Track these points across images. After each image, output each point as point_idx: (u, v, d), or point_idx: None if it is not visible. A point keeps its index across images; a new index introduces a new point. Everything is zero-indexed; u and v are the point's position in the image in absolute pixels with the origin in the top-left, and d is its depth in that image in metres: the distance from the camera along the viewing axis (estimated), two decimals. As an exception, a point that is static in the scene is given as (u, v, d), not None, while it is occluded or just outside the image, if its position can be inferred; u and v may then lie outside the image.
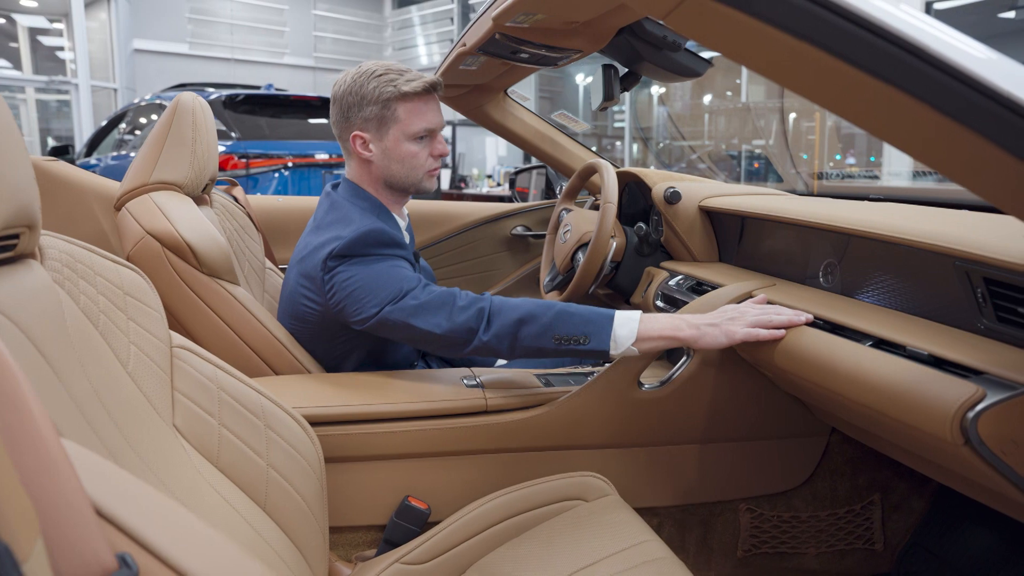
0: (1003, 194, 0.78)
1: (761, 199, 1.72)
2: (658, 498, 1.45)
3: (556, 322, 1.26)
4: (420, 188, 1.51)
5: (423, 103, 1.45)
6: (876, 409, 1.03)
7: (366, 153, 1.47)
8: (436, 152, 1.49)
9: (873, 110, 0.73)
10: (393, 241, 1.39)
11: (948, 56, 0.67)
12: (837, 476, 1.55)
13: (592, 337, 1.24)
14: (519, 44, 1.25)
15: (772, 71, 0.73)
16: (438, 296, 1.32)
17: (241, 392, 1.11)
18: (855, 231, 1.24)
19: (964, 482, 1.16)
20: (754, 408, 1.46)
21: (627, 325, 1.25)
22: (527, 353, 1.29)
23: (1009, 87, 0.66)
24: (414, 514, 1.30)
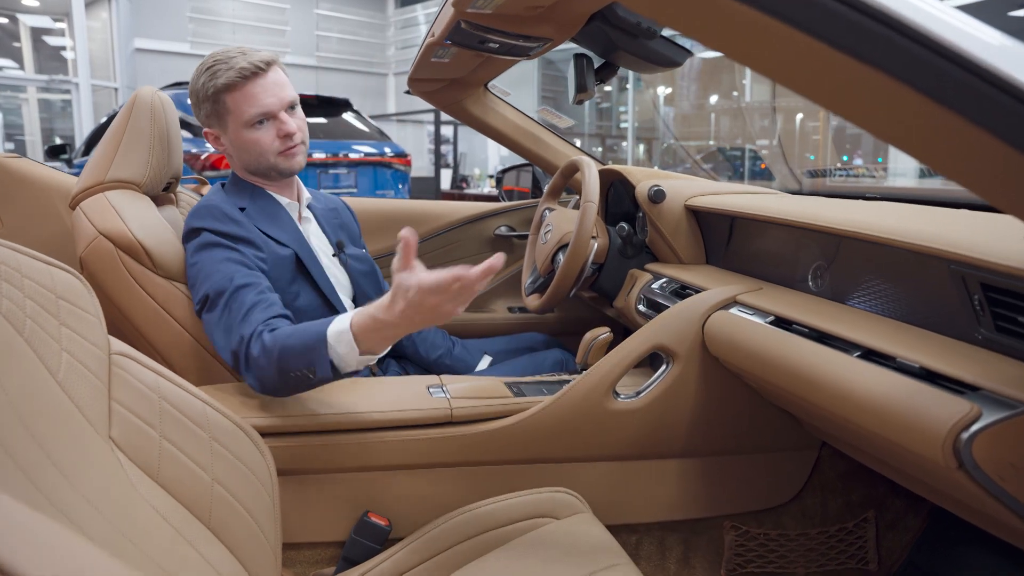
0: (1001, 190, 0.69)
1: (750, 198, 1.63)
2: (636, 514, 1.37)
3: (284, 359, 1.14)
4: (279, 171, 1.47)
5: (251, 87, 1.40)
6: (862, 426, 0.95)
7: (220, 148, 1.49)
8: (281, 132, 1.43)
9: (854, 96, 0.64)
10: (223, 215, 1.38)
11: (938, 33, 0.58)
12: (828, 492, 1.47)
13: (317, 366, 1.12)
14: (485, 32, 1.18)
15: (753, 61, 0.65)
16: (235, 312, 1.24)
17: (184, 401, 1.03)
18: (844, 231, 1.16)
19: (959, 505, 1.08)
20: (739, 420, 1.38)
21: (343, 340, 1.10)
22: (284, 392, 1.20)
23: (1010, 71, 0.58)
24: (374, 530, 1.22)
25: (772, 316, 1.22)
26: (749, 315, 1.27)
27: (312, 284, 1.47)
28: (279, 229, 1.46)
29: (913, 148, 0.66)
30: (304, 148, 1.50)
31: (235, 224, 1.38)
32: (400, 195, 6.18)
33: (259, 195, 1.49)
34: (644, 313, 1.62)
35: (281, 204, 1.51)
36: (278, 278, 1.41)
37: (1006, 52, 0.57)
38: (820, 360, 1.05)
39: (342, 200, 1.76)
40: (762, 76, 0.67)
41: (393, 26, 13.31)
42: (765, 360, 1.16)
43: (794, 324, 1.17)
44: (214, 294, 1.29)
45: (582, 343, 1.51)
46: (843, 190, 1.58)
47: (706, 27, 0.62)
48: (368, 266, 1.65)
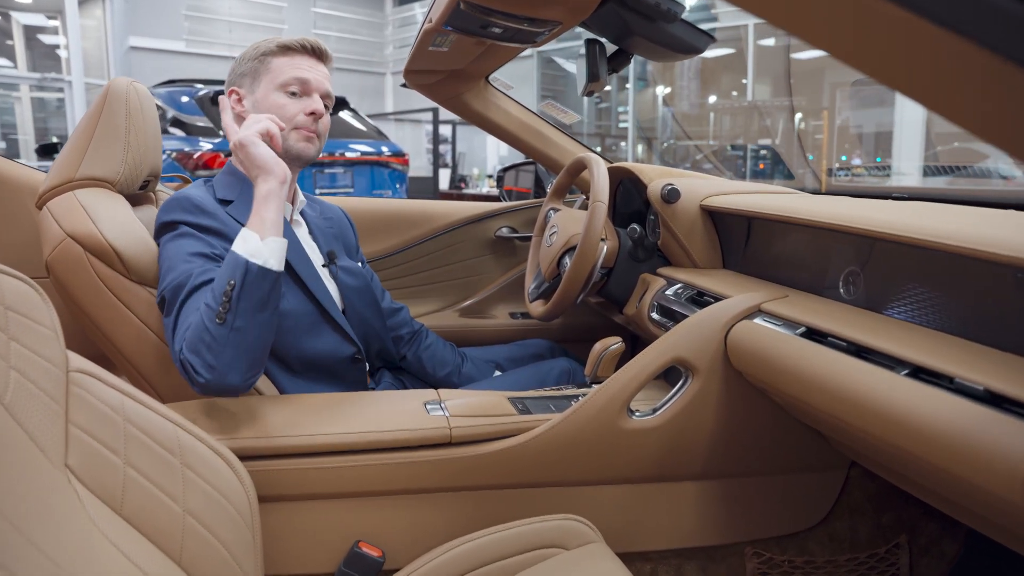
0: None
1: (770, 198, 1.52)
2: (651, 541, 1.26)
3: (209, 307, 1.08)
4: (289, 149, 1.37)
5: (301, 59, 1.39)
6: (915, 454, 0.84)
7: (238, 108, 1.41)
8: (308, 109, 1.37)
9: (953, 84, 0.53)
10: (193, 206, 1.28)
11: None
12: (858, 515, 1.36)
13: (235, 274, 1.08)
14: (487, 15, 1.07)
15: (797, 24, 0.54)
16: (188, 315, 1.13)
17: (152, 424, 0.92)
18: (887, 235, 1.05)
19: (1003, 533, 0.98)
20: (762, 439, 1.27)
21: (243, 239, 1.12)
22: (230, 351, 1.08)
23: None
24: (366, 562, 1.11)
25: (803, 327, 1.12)
26: (777, 326, 1.16)
27: (301, 286, 1.36)
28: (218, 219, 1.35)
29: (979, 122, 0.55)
30: (321, 143, 1.42)
31: (206, 215, 1.27)
32: (398, 195, 6.08)
33: (251, 188, 1.37)
34: (658, 321, 1.51)
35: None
36: None
37: None
38: (863, 378, 0.94)
39: (342, 210, 1.65)
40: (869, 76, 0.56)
41: (391, 25, 13.21)
42: (797, 376, 1.05)
43: (829, 336, 1.06)
44: (171, 292, 1.17)
45: (592, 353, 1.40)
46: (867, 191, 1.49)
47: None
48: (362, 281, 1.52)
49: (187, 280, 1.17)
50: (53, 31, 10.94)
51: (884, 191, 1.59)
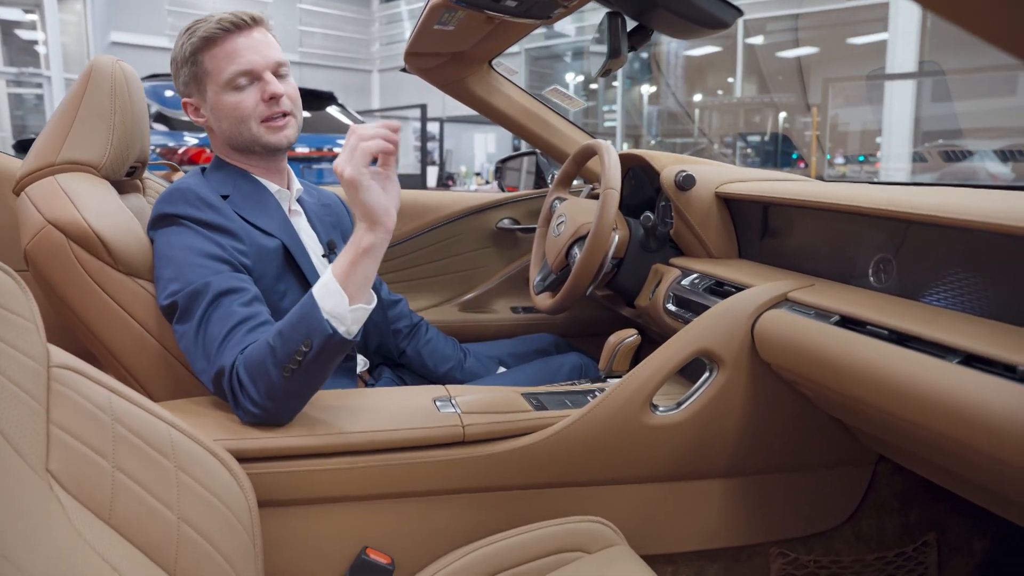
0: None
1: (787, 184, 1.47)
2: (673, 543, 1.20)
3: (275, 352, 0.99)
4: (263, 144, 1.28)
5: (231, 42, 1.24)
6: (978, 449, 0.78)
7: (200, 120, 1.32)
8: (266, 94, 1.25)
9: None
10: (199, 200, 1.20)
11: None
12: (885, 512, 1.30)
13: (313, 335, 0.98)
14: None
15: None
16: (216, 326, 1.07)
17: (144, 424, 0.85)
18: (931, 217, 0.99)
19: None
20: (789, 434, 1.21)
21: (329, 292, 1.00)
22: (290, 399, 1.02)
23: None
24: (375, 570, 1.04)
25: (837, 316, 1.06)
26: (808, 315, 1.10)
27: (302, 282, 1.29)
28: (265, 217, 1.28)
29: None
30: (295, 122, 1.31)
31: (213, 211, 1.19)
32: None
33: (244, 180, 1.30)
34: (674, 313, 1.45)
35: (269, 190, 1.32)
36: (263, 274, 1.22)
37: None
38: (910, 367, 0.88)
39: (336, 195, 1.57)
40: None
41: (378, 22, 13.11)
42: (834, 367, 0.99)
43: (868, 325, 1.00)
44: (186, 299, 1.10)
45: (606, 347, 1.34)
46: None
47: None
48: None
49: (205, 288, 1.10)
50: (31, 26, 10.74)
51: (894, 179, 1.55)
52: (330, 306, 0.98)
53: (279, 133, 1.28)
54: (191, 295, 1.10)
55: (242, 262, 1.18)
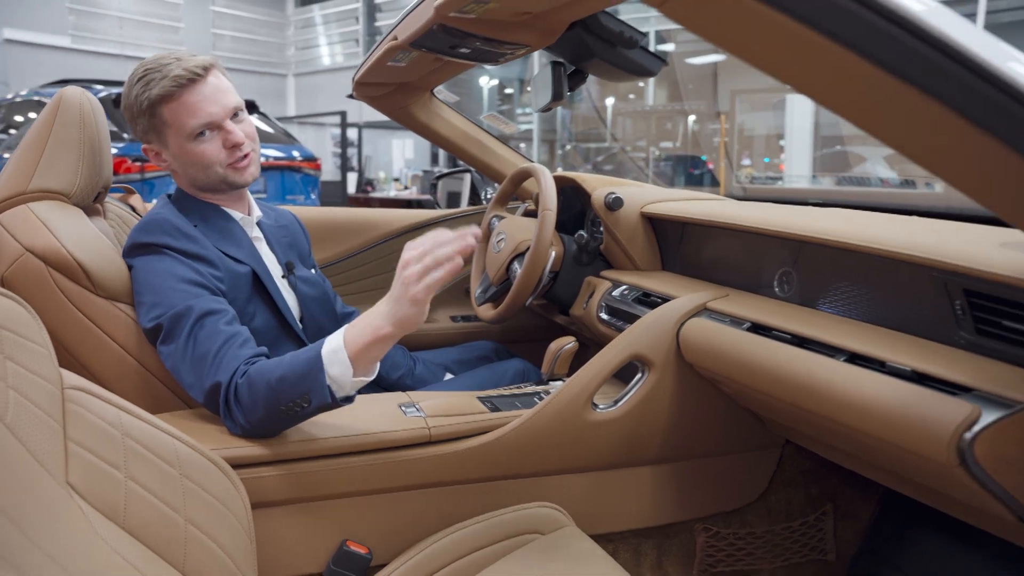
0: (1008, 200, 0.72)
1: (702, 204, 1.66)
2: (613, 524, 1.37)
3: (275, 393, 1.08)
4: (230, 183, 1.37)
5: (189, 96, 1.29)
6: (861, 429, 0.97)
7: (163, 164, 1.38)
8: (228, 143, 1.33)
9: (888, 112, 0.65)
10: (176, 230, 1.28)
11: (980, 55, 0.60)
12: (791, 488, 1.51)
13: (312, 394, 1.07)
14: (461, 38, 1.14)
15: (781, 68, 0.65)
16: (204, 345, 1.16)
17: (151, 437, 0.95)
18: (820, 240, 1.19)
19: (924, 491, 1.13)
20: (709, 424, 1.40)
21: (337, 359, 1.07)
22: (274, 429, 1.13)
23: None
24: (354, 560, 1.16)
25: (748, 323, 1.25)
26: (724, 322, 1.28)
27: (269, 304, 1.39)
28: (235, 246, 1.37)
29: (938, 167, 0.69)
30: (256, 156, 1.40)
31: (190, 241, 1.28)
32: (310, 200, 6.00)
33: (211, 211, 1.39)
34: (607, 321, 1.62)
35: (235, 219, 1.42)
36: (235, 298, 1.32)
37: None
38: (807, 365, 1.07)
39: (292, 214, 1.67)
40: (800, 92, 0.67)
41: (293, 26, 12.93)
42: (747, 366, 1.17)
43: (773, 330, 1.19)
44: (170, 321, 1.19)
45: (548, 353, 1.49)
46: (783, 196, 1.66)
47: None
48: (319, 290, 1.55)
49: (188, 311, 1.19)
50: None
51: (799, 195, 1.73)
52: (336, 373, 1.07)
53: (245, 172, 1.38)
54: (175, 317, 1.19)
55: (219, 287, 1.27)
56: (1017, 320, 0.90)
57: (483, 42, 1.15)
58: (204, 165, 1.34)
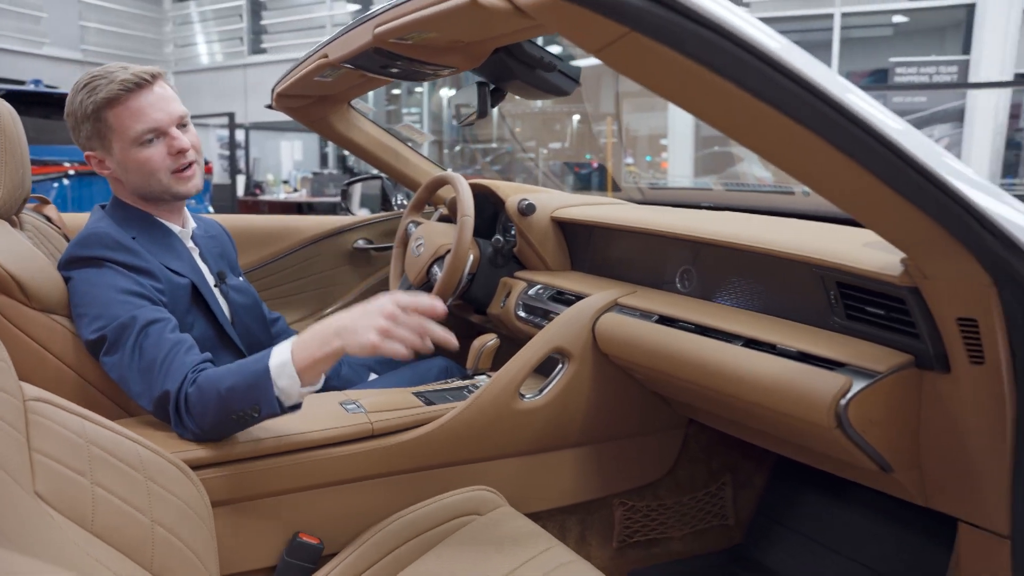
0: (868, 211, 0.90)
1: (609, 209, 1.82)
2: (541, 503, 1.49)
3: (225, 401, 1.14)
4: (173, 193, 1.40)
5: (135, 101, 1.32)
6: (757, 403, 1.14)
7: (106, 171, 1.39)
8: (174, 149, 1.35)
9: (781, 143, 0.81)
10: (117, 243, 1.30)
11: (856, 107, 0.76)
12: (695, 463, 1.69)
13: (262, 404, 1.13)
14: (394, 59, 1.23)
15: (705, 111, 0.79)
16: (150, 353, 1.20)
17: (115, 443, 0.99)
18: (715, 241, 1.36)
19: (807, 453, 1.32)
20: (623, 408, 1.55)
21: (285, 373, 1.13)
22: (225, 434, 1.19)
23: (902, 140, 0.78)
24: (307, 550, 1.23)
25: (656, 315, 1.40)
26: (635, 316, 1.43)
27: (207, 314, 1.43)
28: (175, 258, 1.40)
29: (820, 186, 0.86)
30: (200, 168, 1.43)
31: (131, 254, 1.30)
32: (202, 206, 5.82)
33: (149, 223, 1.41)
34: (524, 318, 1.75)
35: (173, 231, 1.45)
36: (175, 309, 1.35)
37: (905, 135, 0.78)
38: (711, 351, 1.23)
39: (220, 224, 1.70)
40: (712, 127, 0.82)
41: (171, 22, 12.39)
42: (657, 354, 1.33)
43: (678, 321, 1.35)
44: (114, 332, 1.22)
45: (472, 349, 1.60)
46: (678, 199, 1.83)
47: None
48: (250, 298, 1.59)
49: (132, 321, 1.21)
50: None
51: (693, 199, 1.91)
52: (284, 385, 1.13)
53: (189, 183, 1.40)
54: (119, 328, 1.22)
55: (160, 299, 1.31)
56: (878, 307, 1.09)
57: (414, 63, 1.25)
58: (148, 172, 1.35)
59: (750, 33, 0.73)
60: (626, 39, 0.72)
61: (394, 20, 1.06)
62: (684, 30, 0.71)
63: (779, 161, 0.86)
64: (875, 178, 0.81)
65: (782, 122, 0.76)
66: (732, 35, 0.72)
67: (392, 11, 1.06)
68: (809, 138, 0.78)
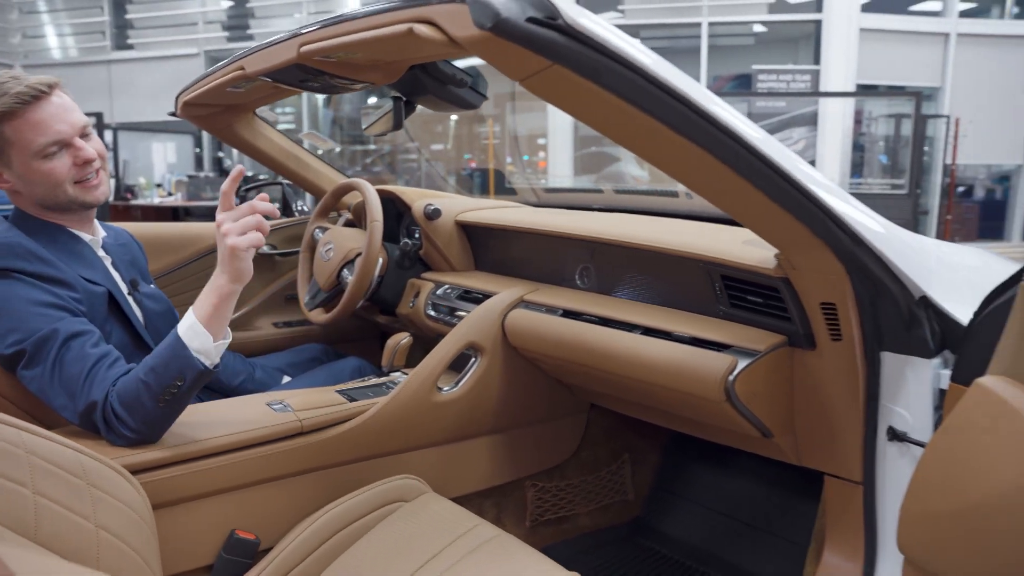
0: (748, 215, 1.07)
1: (509, 212, 1.95)
2: (461, 488, 1.60)
3: (150, 387, 1.17)
4: (81, 203, 1.40)
5: (34, 113, 1.30)
6: (656, 384, 1.29)
7: (5, 184, 1.37)
8: (79, 160, 1.35)
9: (681, 162, 0.96)
10: (29, 253, 1.29)
11: (733, 125, 0.91)
12: (597, 445, 1.84)
13: (185, 371, 1.18)
14: (315, 75, 1.29)
15: (611, 130, 0.92)
16: (73, 367, 1.21)
17: (55, 453, 1.01)
18: (610, 241, 1.51)
19: (699, 426, 1.49)
20: (531, 397, 1.67)
21: (195, 332, 1.20)
22: (163, 422, 1.22)
23: (767, 150, 0.94)
24: (243, 546, 1.28)
25: (560, 310, 1.53)
26: (540, 311, 1.56)
27: (124, 323, 1.43)
28: (89, 268, 1.39)
29: (706, 191, 1.01)
30: (106, 176, 1.43)
31: (44, 264, 1.29)
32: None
33: (58, 233, 1.39)
34: (434, 317, 1.84)
35: (84, 240, 1.44)
36: (93, 318, 1.35)
37: (767, 143, 0.94)
38: (613, 339, 1.38)
39: (128, 232, 1.69)
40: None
41: (17, 9, 11.50)
42: (565, 345, 1.46)
43: (582, 314, 1.49)
44: (34, 346, 1.21)
45: (387, 348, 1.68)
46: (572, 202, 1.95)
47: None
48: (163, 305, 1.60)
49: (53, 335, 1.21)
50: None
51: (585, 201, 2.02)
52: (198, 345, 1.19)
53: (95, 191, 1.40)
54: (39, 342, 1.21)
55: (79, 308, 1.31)
56: (756, 295, 1.26)
57: (334, 79, 1.31)
58: (52, 184, 1.34)
59: (648, 65, 0.86)
60: (549, 70, 0.83)
61: (323, 40, 1.13)
62: (599, 63, 0.83)
63: (675, 173, 1.01)
64: (750, 185, 0.97)
65: (676, 140, 0.91)
66: (637, 68, 0.85)
67: (322, 31, 1.13)
68: (699, 153, 0.92)
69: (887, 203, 6.88)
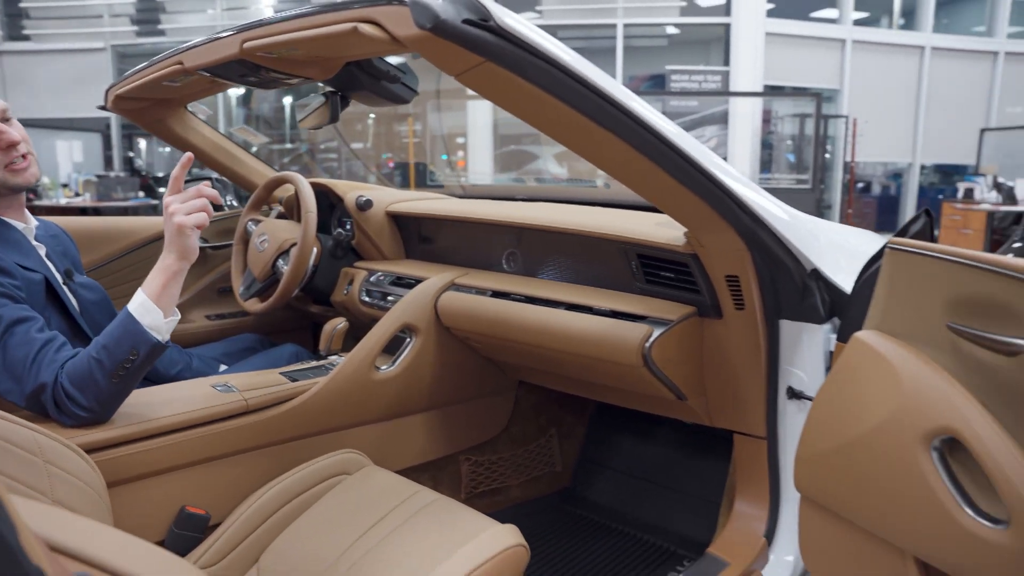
0: (660, 199, 1.20)
1: (437, 203, 2.05)
2: (399, 462, 1.68)
3: (103, 364, 1.21)
4: (11, 186, 1.43)
5: None
6: (581, 354, 1.41)
7: None
8: (3, 144, 1.37)
9: (601, 151, 1.08)
10: None
11: (649, 119, 1.04)
12: (526, 420, 1.96)
13: (138, 345, 1.23)
14: (255, 70, 1.35)
15: (538, 122, 1.04)
16: (18, 351, 1.23)
17: (11, 432, 1.06)
18: (536, 226, 1.62)
19: (621, 393, 1.62)
20: (463, 375, 1.78)
21: (146, 309, 1.26)
22: (115, 399, 1.26)
23: (679, 142, 1.07)
24: (194, 521, 1.33)
25: (490, 291, 1.64)
26: (471, 293, 1.67)
27: (62, 311, 1.46)
28: (23, 255, 1.41)
29: (627, 180, 1.14)
30: (34, 158, 1.44)
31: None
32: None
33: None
34: (369, 303, 1.92)
35: (18, 228, 1.45)
36: (32, 305, 1.37)
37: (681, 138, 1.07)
38: (540, 316, 1.49)
39: (57, 224, 1.70)
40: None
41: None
42: (495, 323, 1.57)
43: (510, 295, 1.60)
44: None
45: (324, 332, 1.75)
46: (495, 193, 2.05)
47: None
48: (99, 294, 1.62)
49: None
50: None
51: (508, 192, 2.10)
52: (149, 321, 1.25)
53: (25, 173, 1.42)
54: None
55: (19, 295, 1.33)
56: (668, 271, 1.40)
57: (273, 73, 1.38)
58: None
59: (568, 61, 0.98)
60: (482, 66, 0.94)
61: (268, 37, 1.19)
62: (524, 60, 0.94)
63: (597, 161, 1.13)
64: (663, 171, 1.10)
65: (596, 131, 1.03)
66: (557, 64, 0.97)
67: (266, 28, 1.20)
68: (616, 142, 1.05)
69: (793, 197, 7.22)
